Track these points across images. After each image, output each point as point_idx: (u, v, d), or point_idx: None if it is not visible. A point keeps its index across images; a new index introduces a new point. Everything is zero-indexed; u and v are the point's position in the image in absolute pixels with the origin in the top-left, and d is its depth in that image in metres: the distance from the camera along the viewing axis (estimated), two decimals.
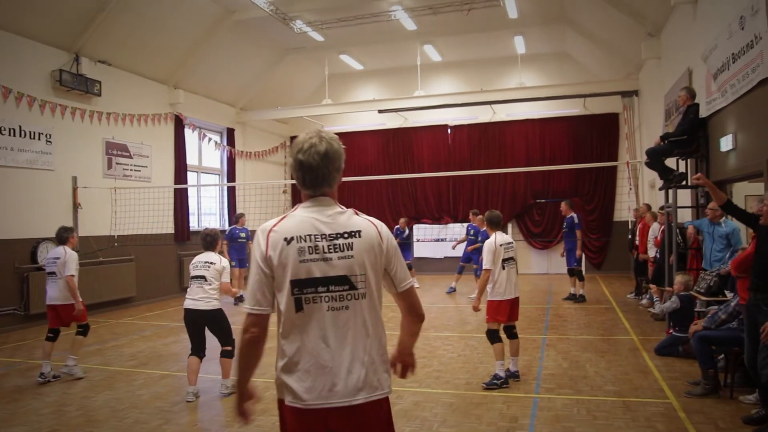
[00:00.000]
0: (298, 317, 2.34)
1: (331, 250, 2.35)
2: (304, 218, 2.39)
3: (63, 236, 6.98)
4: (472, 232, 12.91)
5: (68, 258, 6.76)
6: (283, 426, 2.42)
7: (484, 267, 6.04)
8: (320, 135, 2.42)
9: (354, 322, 2.39)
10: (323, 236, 2.36)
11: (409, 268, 12.84)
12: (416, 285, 10.50)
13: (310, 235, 2.35)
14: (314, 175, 2.39)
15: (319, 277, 2.34)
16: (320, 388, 2.30)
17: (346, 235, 2.38)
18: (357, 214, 2.47)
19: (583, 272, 11.93)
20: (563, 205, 12.02)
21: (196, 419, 5.29)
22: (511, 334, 6.28)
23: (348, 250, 2.37)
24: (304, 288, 2.33)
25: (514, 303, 6.15)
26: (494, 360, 6.14)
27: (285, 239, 2.34)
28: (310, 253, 2.34)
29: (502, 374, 6.01)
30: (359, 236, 2.39)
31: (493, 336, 6.11)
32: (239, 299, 11.44)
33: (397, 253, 2.55)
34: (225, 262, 6.04)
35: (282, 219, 2.42)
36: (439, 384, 6.21)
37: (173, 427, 5.09)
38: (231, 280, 7.57)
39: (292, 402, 2.32)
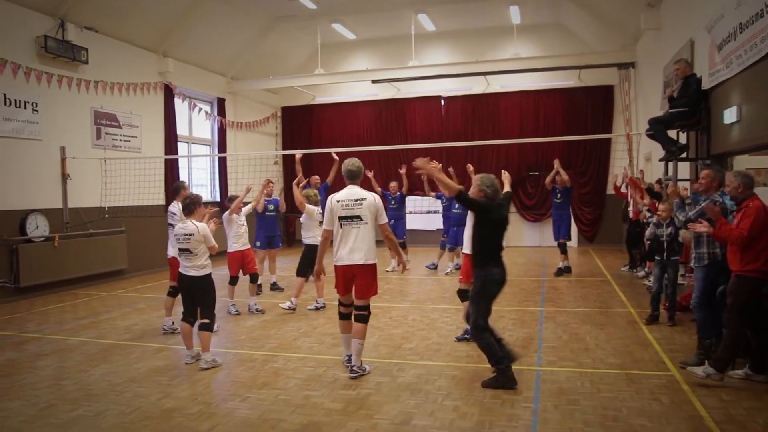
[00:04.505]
0: (341, 231, 5.52)
1: (352, 206, 5.51)
2: (345, 193, 5.59)
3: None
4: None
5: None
6: (337, 277, 5.63)
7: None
8: (357, 160, 5.70)
9: (362, 234, 5.52)
10: (350, 200, 5.54)
11: (403, 246, 12.66)
12: (408, 263, 10.40)
13: (345, 200, 5.54)
14: (353, 175, 5.65)
15: (348, 215, 5.51)
16: (348, 258, 5.49)
17: (359, 200, 5.54)
18: (364, 189, 5.61)
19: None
20: (564, 177, 11.33)
21: (196, 392, 5.22)
22: None
23: (360, 206, 5.51)
24: (342, 220, 5.51)
25: None
26: (463, 319, 6.56)
27: (337, 201, 5.56)
28: (344, 207, 5.52)
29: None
30: (365, 200, 5.53)
31: (463, 295, 6.56)
32: (275, 286, 10.48)
33: (381, 208, 5.61)
34: (204, 228, 6.04)
35: (336, 192, 5.62)
36: (440, 357, 6.17)
37: (173, 400, 5.02)
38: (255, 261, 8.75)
39: (338, 263, 5.56)
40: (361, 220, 5.46)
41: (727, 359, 5.12)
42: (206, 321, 6.02)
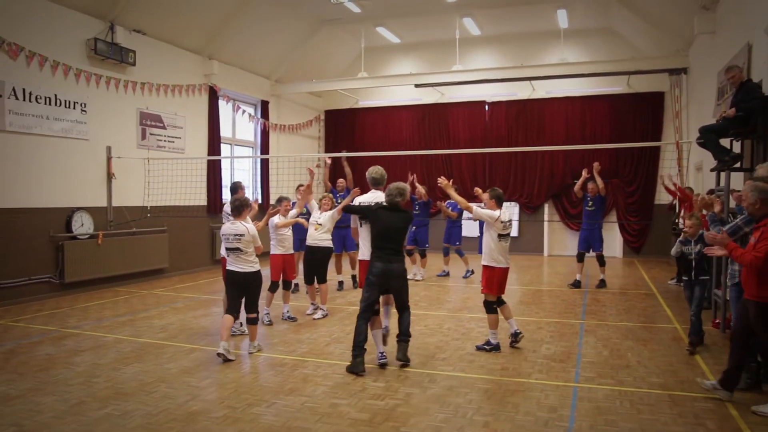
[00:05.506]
0: (364, 228, 6.15)
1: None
2: (369, 197, 6.37)
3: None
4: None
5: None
6: (363, 272, 6.14)
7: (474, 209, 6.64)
8: (380, 167, 6.48)
9: None
10: (373, 203, 6.17)
11: (423, 255, 12.27)
12: (418, 277, 10.22)
13: (368, 203, 6.19)
14: (377, 182, 6.42)
15: None
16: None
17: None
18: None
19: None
20: (595, 185, 10.81)
21: (223, 396, 5.18)
22: (499, 301, 6.80)
23: None
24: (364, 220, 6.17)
25: (504, 273, 6.72)
26: (489, 329, 6.68)
27: (360, 204, 6.26)
28: None
29: (494, 341, 6.61)
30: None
31: (489, 307, 6.66)
32: (294, 287, 10.17)
33: None
34: (252, 229, 6.45)
35: (361, 194, 6.60)
36: (473, 368, 5.99)
37: (200, 403, 4.99)
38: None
39: (364, 257, 6.16)
40: None
41: None
42: (254, 315, 6.56)
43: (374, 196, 6.35)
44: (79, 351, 6.68)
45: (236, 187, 8.10)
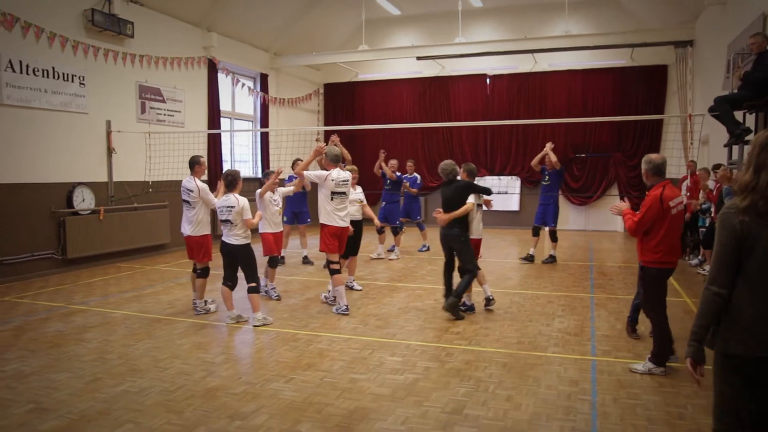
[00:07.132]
0: (333, 202, 7.06)
1: (342, 184, 7.12)
2: (336, 173, 7.09)
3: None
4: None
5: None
6: (335, 237, 7.06)
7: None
8: (335, 147, 7.57)
9: (347, 204, 7.25)
10: (340, 179, 7.10)
11: (395, 232, 11.92)
12: (393, 256, 11.41)
13: (337, 178, 7.08)
14: (337, 159, 7.19)
15: (338, 191, 7.09)
16: (344, 222, 7.15)
17: (345, 180, 7.15)
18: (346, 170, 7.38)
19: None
20: (552, 159, 10.65)
21: (240, 372, 5.13)
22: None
23: (346, 184, 7.18)
24: (334, 194, 7.06)
25: (479, 244, 7.50)
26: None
27: (331, 179, 7.04)
28: (337, 185, 7.07)
29: (468, 303, 7.29)
30: (348, 181, 7.19)
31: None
32: (306, 260, 10.73)
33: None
34: (243, 201, 6.59)
35: (331, 171, 7.08)
36: (489, 342, 5.96)
37: (216, 379, 4.93)
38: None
39: (335, 224, 7.06)
40: (346, 195, 7.19)
41: (662, 352, 5.04)
42: (253, 284, 6.63)
43: (338, 173, 7.11)
44: (88, 327, 6.61)
45: (194, 162, 7.36)
